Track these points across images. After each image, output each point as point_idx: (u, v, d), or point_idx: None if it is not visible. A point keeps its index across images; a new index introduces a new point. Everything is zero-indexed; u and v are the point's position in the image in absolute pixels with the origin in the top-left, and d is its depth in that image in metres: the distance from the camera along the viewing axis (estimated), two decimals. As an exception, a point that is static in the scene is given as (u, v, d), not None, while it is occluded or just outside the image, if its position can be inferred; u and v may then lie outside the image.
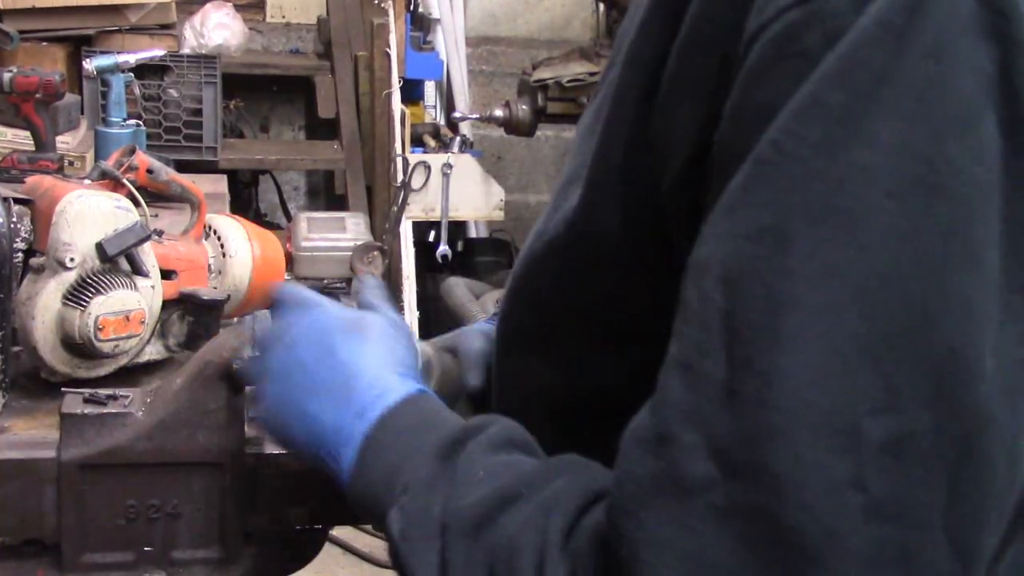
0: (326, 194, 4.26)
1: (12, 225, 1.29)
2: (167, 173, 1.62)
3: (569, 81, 3.69)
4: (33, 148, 2.52)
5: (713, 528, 0.50)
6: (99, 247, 1.33)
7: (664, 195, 0.64)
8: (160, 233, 1.53)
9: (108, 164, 1.55)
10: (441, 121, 4.12)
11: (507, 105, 3.78)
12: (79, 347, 1.33)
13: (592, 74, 3.63)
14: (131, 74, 2.78)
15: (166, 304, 1.47)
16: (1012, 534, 0.56)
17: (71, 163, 2.65)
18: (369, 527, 3.18)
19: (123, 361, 1.41)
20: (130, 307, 1.37)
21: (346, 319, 0.80)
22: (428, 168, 3.69)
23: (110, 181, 1.49)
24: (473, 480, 0.64)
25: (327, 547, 1.21)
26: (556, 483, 0.61)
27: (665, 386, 0.54)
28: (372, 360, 0.76)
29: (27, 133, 2.54)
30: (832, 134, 0.50)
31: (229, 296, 1.54)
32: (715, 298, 0.52)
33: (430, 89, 4.14)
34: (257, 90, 4.06)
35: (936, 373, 0.49)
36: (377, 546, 3.16)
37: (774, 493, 0.49)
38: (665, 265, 0.62)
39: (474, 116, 3.93)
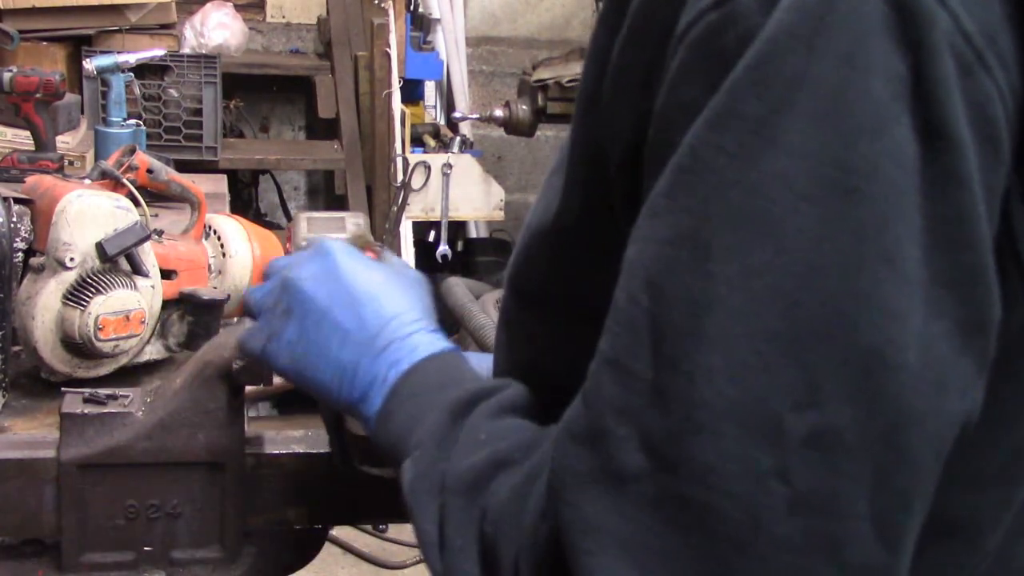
0: (326, 194, 4.26)
1: (12, 225, 1.29)
2: (167, 173, 1.62)
3: (569, 81, 3.69)
4: (33, 148, 2.52)
5: (647, 515, 0.52)
6: (99, 247, 1.33)
7: (610, 185, 0.66)
8: (160, 233, 1.53)
9: (108, 164, 1.55)
10: (441, 121, 4.12)
11: (507, 105, 3.78)
12: (79, 347, 1.33)
13: (592, 74, 3.62)
14: (131, 74, 2.78)
15: (166, 304, 1.47)
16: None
17: (71, 163, 2.65)
18: (369, 527, 3.18)
19: (123, 361, 1.41)
20: (130, 307, 1.37)
21: (360, 260, 0.86)
22: (428, 168, 3.69)
23: (110, 181, 1.49)
24: (474, 442, 0.68)
25: (327, 547, 1.21)
26: (545, 451, 0.63)
27: (598, 382, 0.56)
28: (398, 306, 0.83)
29: (27, 133, 2.54)
30: (746, 142, 0.52)
31: (229, 296, 1.54)
32: (641, 300, 0.55)
33: (430, 89, 4.14)
34: (257, 90, 4.06)
35: (855, 369, 0.50)
36: (377, 546, 3.16)
37: (702, 484, 0.51)
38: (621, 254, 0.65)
39: (474, 116, 3.93)
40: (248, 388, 1.08)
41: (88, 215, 1.33)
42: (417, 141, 3.84)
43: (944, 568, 0.64)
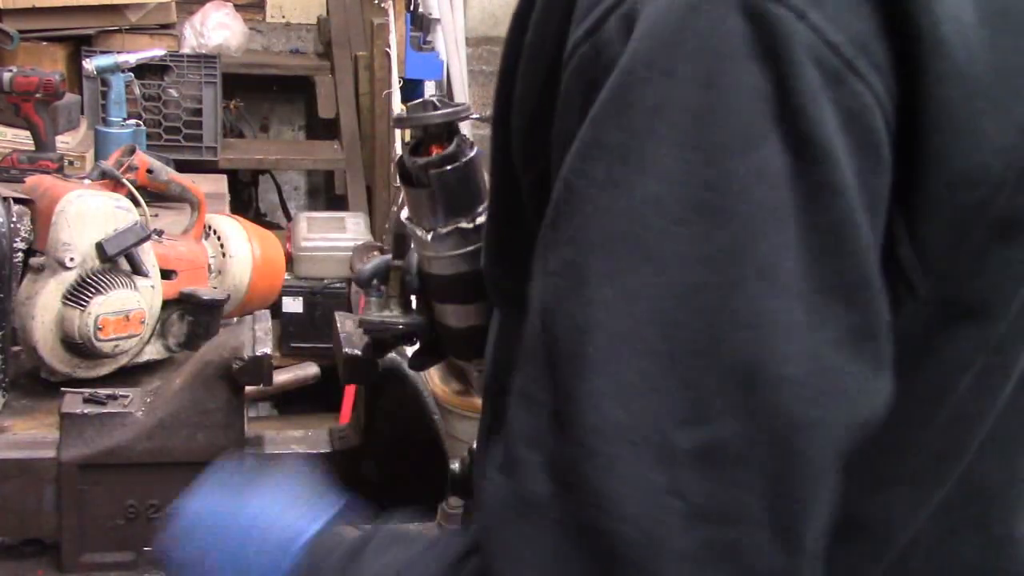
0: (326, 194, 4.26)
1: (12, 225, 1.30)
2: (167, 173, 1.62)
3: (569, 81, 3.69)
4: (33, 148, 2.52)
5: (555, 540, 0.53)
6: (99, 247, 1.33)
7: (525, 201, 0.67)
8: (160, 233, 1.53)
9: (108, 164, 1.55)
10: (441, 121, 4.12)
11: (507, 105, 3.78)
12: (79, 347, 1.33)
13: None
14: (131, 74, 2.78)
15: (166, 304, 1.47)
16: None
17: (71, 163, 2.65)
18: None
19: (123, 361, 1.41)
20: (130, 307, 1.37)
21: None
22: (428, 168, 3.69)
23: (110, 181, 1.49)
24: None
25: (327, 547, 1.20)
26: (427, 557, 0.64)
27: (513, 414, 0.57)
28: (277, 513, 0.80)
29: (27, 133, 2.54)
30: (614, 171, 0.53)
31: (229, 296, 1.55)
32: (537, 331, 0.56)
33: (430, 89, 4.14)
34: (257, 90, 4.06)
35: (736, 384, 0.51)
36: (377, 546, 3.14)
37: (598, 508, 0.52)
38: None
39: (474, 116, 3.92)
40: (248, 388, 1.08)
41: (88, 215, 1.33)
42: (417, 141, 3.84)
43: (852, 569, 0.64)
